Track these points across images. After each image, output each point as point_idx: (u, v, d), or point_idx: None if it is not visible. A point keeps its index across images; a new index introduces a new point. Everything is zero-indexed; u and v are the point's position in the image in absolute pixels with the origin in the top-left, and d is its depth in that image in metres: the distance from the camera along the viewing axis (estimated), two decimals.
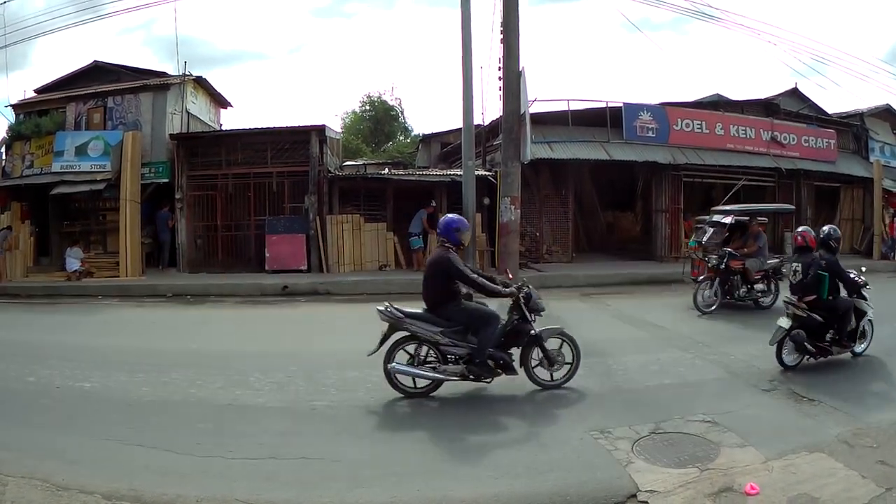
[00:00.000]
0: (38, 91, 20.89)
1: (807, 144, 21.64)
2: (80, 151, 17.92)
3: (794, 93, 24.79)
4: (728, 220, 13.21)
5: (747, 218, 13.29)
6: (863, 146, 24.01)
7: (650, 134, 19.44)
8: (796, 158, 21.17)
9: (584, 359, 7.00)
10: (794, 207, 16.40)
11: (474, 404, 6.52)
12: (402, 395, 6.59)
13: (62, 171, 17.82)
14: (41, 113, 19.14)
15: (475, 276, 6.67)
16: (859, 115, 24.53)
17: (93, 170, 17.66)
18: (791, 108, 23.12)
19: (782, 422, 5.93)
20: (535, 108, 17.50)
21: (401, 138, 44.26)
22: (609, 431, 5.58)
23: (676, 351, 8.64)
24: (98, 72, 20.23)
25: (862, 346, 8.39)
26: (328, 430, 5.81)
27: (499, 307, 6.98)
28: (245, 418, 6.12)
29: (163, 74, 20.27)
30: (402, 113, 45.67)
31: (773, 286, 12.48)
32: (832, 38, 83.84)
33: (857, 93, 73.67)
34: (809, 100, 24.74)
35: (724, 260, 12.03)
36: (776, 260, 12.84)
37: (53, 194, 17.51)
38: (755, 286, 12.34)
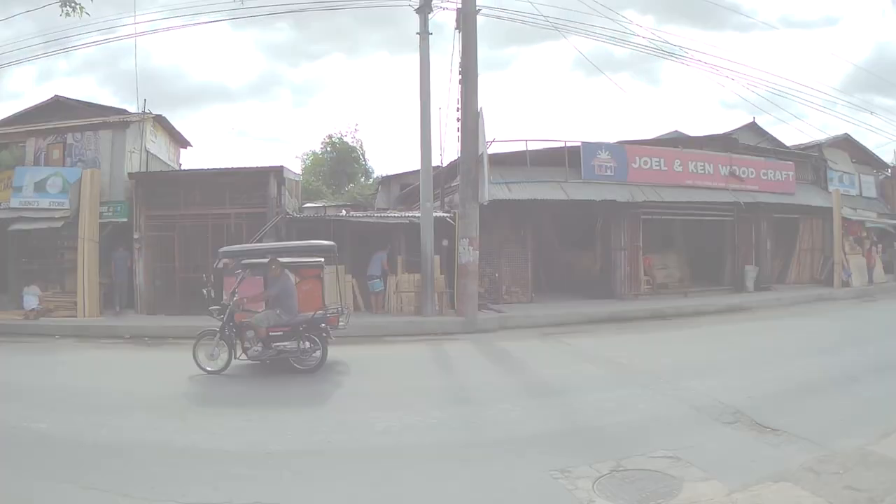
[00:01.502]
0: None
1: (765, 178, 22.03)
2: (39, 188, 17.55)
3: (752, 127, 25.52)
4: (220, 264, 11.67)
5: (264, 260, 11.53)
6: (821, 176, 24.60)
7: (608, 172, 19.49)
8: (755, 192, 21.47)
9: (543, 398, 7.79)
10: (333, 244, 12.41)
11: (433, 445, 6.48)
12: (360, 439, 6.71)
13: (21, 207, 17.40)
14: (0, 147, 18.81)
15: None
16: (818, 146, 25.20)
17: (51, 207, 17.29)
18: (750, 141, 23.71)
19: (746, 453, 5.95)
20: (494, 149, 17.66)
21: (362, 180, 44.49)
22: (569, 471, 5.54)
23: (636, 388, 8.63)
24: (58, 106, 19.96)
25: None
26: (283, 475, 5.72)
27: None
28: (201, 462, 6.02)
29: (122, 111, 20.05)
30: (363, 155, 45.86)
31: (311, 343, 10.20)
32: (789, 71, 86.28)
33: (816, 124, 75.75)
34: (768, 133, 25.47)
35: (227, 311, 10.20)
36: (314, 313, 10.65)
37: (11, 231, 17.14)
38: (275, 344, 10.09)
